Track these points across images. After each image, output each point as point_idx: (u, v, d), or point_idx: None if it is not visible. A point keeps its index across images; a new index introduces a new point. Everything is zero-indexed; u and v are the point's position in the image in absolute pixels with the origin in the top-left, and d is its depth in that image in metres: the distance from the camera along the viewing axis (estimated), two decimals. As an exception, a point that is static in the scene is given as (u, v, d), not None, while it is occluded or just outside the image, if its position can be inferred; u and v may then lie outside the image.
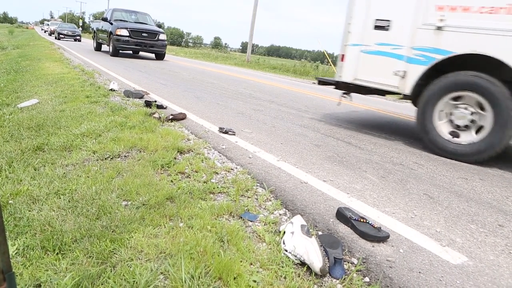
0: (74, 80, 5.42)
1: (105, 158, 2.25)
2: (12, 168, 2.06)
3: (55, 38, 27.05)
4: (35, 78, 5.87)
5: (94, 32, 14.66)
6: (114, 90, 4.73)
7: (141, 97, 4.48)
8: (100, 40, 13.62)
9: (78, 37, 26.73)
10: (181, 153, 2.46)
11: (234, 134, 3.13)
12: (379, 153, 3.06)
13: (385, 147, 3.30)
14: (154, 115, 3.39)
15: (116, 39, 11.05)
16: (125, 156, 2.31)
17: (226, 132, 3.13)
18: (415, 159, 3.00)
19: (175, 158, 2.32)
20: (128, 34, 11.13)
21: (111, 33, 11.41)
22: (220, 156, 2.51)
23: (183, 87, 5.86)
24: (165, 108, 4.00)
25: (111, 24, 11.70)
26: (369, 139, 3.57)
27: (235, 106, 4.59)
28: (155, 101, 4.06)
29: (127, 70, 7.89)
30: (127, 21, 12.39)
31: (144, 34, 11.49)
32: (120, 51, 11.83)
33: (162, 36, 12.02)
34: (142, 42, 11.44)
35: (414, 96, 3.51)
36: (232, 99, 5.16)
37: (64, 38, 26.19)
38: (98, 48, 14.32)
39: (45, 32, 47.66)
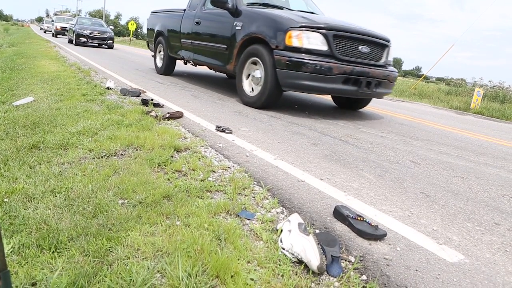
0: (70, 78, 5.39)
1: (102, 157, 2.23)
2: (7, 166, 2.05)
3: (70, 42, 16.99)
4: (30, 76, 5.83)
5: (159, 35, 7.00)
6: (110, 89, 4.71)
7: (138, 96, 4.47)
8: (183, 52, 6.15)
9: (110, 41, 16.41)
10: (178, 151, 2.45)
11: (231, 133, 3.12)
12: (376, 152, 3.06)
13: (382, 146, 3.31)
14: (151, 114, 3.37)
15: (289, 62, 3.81)
16: (121, 154, 2.30)
17: (223, 131, 3.12)
18: (411, 158, 3.01)
19: (172, 156, 2.32)
20: (326, 48, 3.87)
21: (259, 39, 4.20)
22: (217, 154, 2.50)
23: (180, 86, 5.84)
24: (162, 106, 3.98)
25: (237, 14, 4.61)
26: (366, 137, 3.58)
27: (232, 104, 4.59)
28: (152, 100, 4.04)
29: (124, 68, 7.85)
30: (282, 8, 5.07)
31: (364, 49, 4.10)
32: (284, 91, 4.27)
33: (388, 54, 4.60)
34: (361, 73, 4.01)
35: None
36: (229, 97, 5.15)
37: (88, 42, 15.62)
38: (167, 69, 7.02)
39: (45, 32, 35.21)
